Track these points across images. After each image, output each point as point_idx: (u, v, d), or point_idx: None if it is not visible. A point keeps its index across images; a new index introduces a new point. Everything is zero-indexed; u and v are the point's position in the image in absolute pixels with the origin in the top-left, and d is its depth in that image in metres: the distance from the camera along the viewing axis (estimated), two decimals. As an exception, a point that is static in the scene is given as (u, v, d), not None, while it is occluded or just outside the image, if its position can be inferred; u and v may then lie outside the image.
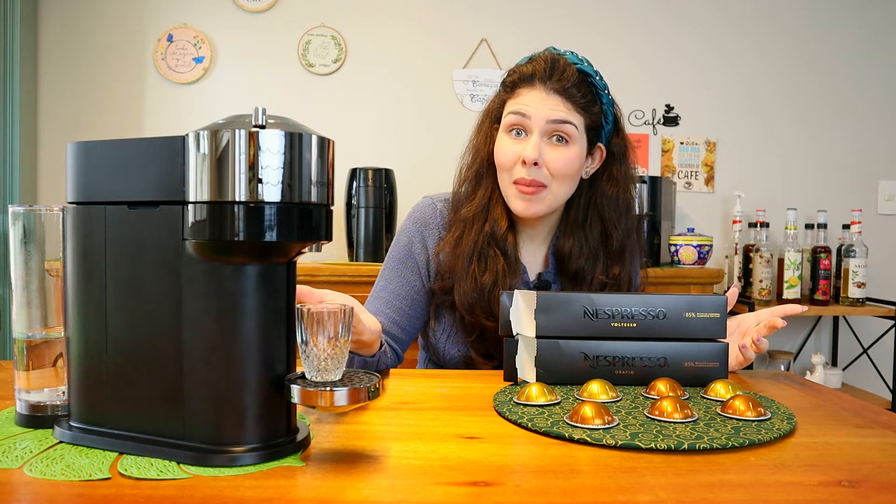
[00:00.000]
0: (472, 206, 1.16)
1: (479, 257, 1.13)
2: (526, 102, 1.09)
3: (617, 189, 1.17)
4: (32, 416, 0.69)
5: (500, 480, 0.57)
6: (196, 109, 2.60)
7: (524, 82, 1.11)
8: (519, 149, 1.09)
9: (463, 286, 1.12)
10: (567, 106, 1.09)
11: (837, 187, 2.76)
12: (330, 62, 2.63)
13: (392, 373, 1.00)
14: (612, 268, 1.17)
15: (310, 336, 0.61)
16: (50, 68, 2.57)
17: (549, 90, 1.09)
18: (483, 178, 1.17)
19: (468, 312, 1.13)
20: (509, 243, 1.15)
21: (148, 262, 0.61)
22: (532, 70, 1.10)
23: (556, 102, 1.08)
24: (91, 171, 0.63)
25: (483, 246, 1.14)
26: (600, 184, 1.18)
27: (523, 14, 2.67)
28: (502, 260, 1.13)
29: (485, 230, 1.14)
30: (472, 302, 1.12)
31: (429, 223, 1.19)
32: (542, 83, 1.09)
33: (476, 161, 1.19)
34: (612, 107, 1.16)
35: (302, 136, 0.59)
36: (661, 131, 2.75)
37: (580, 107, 1.10)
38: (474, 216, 1.15)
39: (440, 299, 1.17)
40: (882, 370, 2.65)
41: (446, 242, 1.16)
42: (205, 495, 0.53)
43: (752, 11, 2.73)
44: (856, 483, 0.58)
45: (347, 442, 0.67)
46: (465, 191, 1.19)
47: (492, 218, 1.15)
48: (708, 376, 0.91)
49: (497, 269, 1.12)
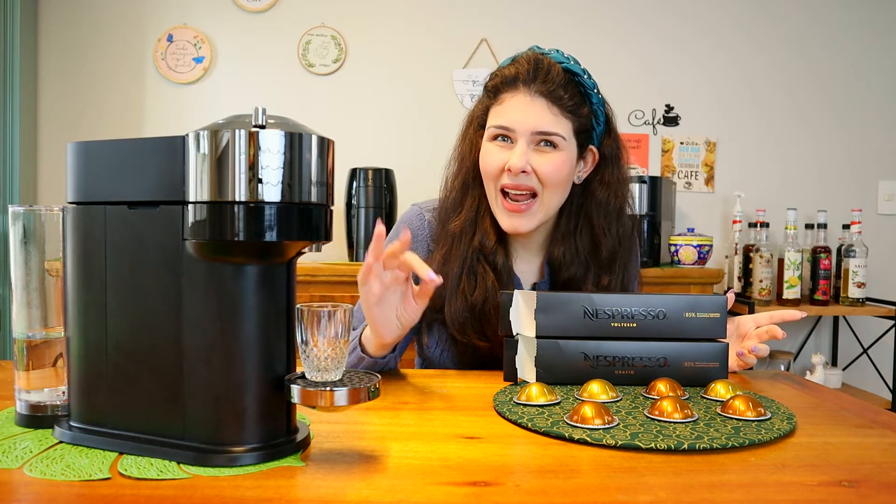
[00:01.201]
0: (460, 219, 1.11)
1: (468, 274, 1.08)
2: (510, 113, 1.04)
3: (608, 193, 1.11)
4: (32, 416, 0.69)
5: (500, 480, 0.57)
6: (196, 109, 2.60)
7: (507, 86, 1.06)
8: (504, 157, 1.04)
9: (453, 305, 1.08)
10: (553, 111, 1.03)
11: (837, 187, 2.76)
12: (330, 62, 2.63)
13: (392, 373, 1.00)
14: (602, 278, 1.12)
15: (310, 336, 0.61)
16: (50, 68, 2.57)
17: (533, 94, 1.03)
18: (469, 189, 1.12)
19: (459, 333, 1.08)
20: (499, 257, 1.10)
21: (148, 263, 0.61)
22: (515, 72, 1.05)
23: (542, 108, 1.03)
24: (91, 171, 0.63)
25: (472, 262, 1.09)
26: (592, 188, 1.12)
27: (523, 14, 2.67)
28: (492, 276, 1.09)
29: (473, 244, 1.09)
30: (462, 321, 1.08)
31: (416, 235, 1.15)
32: (525, 86, 1.04)
33: (462, 170, 1.14)
34: (602, 106, 1.09)
35: (302, 136, 0.59)
36: (661, 131, 2.75)
37: (567, 110, 1.04)
38: (462, 231, 1.10)
39: (431, 317, 1.12)
40: (882, 370, 2.65)
41: (434, 260, 1.11)
42: (205, 495, 0.53)
43: (753, 11, 2.73)
44: (856, 483, 0.58)
45: (347, 442, 0.67)
46: (451, 202, 1.13)
47: (480, 231, 1.10)
48: (708, 376, 0.91)
49: (487, 286, 1.08)
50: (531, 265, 1.17)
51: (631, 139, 2.73)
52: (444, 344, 1.13)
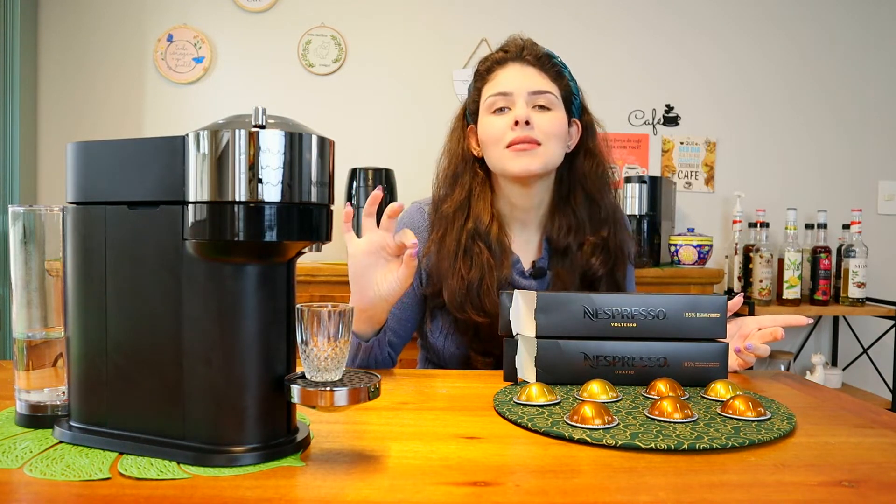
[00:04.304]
0: (452, 202, 1.16)
1: (463, 253, 1.13)
2: (505, 80, 1.13)
3: (594, 162, 1.19)
4: (32, 416, 0.69)
5: (500, 480, 0.57)
6: (196, 109, 2.60)
7: (498, 65, 1.15)
8: (506, 120, 1.11)
9: (450, 285, 1.12)
10: (543, 76, 1.13)
11: (837, 187, 2.76)
12: (330, 62, 2.63)
13: (392, 373, 1.00)
14: (601, 230, 1.18)
15: (310, 336, 0.61)
16: (50, 68, 2.57)
17: (524, 64, 1.14)
18: (459, 177, 1.18)
19: (458, 311, 1.12)
20: (493, 236, 1.14)
21: (148, 262, 0.61)
22: (503, 54, 1.16)
23: (533, 73, 1.13)
24: (91, 171, 0.63)
25: (467, 242, 1.13)
26: (579, 159, 1.19)
27: (523, 14, 2.67)
28: (487, 254, 1.13)
29: (467, 226, 1.14)
30: (460, 300, 1.11)
31: (417, 227, 1.19)
32: (515, 61, 1.14)
33: (451, 163, 1.20)
34: (576, 84, 1.19)
35: (302, 136, 0.58)
36: (661, 131, 2.75)
37: (554, 76, 1.14)
38: (454, 212, 1.15)
39: (434, 302, 1.17)
40: (882, 370, 2.65)
41: (432, 242, 1.16)
42: (205, 495, 0.53)
43: (753, 11, 2.73)
44: (856, 483, 0.58)
45: (347, 442, 0.67)
46: (443, 192, 1.20)
47: (474, 213, 1.15)
48: (708, 376, 0.90)
49: (482, 264, 1.12)
50: (530, 244, 1.21)
51: (631, 139, 2.73)
52: (447, 328, 1.16)
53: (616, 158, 2.71)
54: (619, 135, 2.72)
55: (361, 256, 0.98)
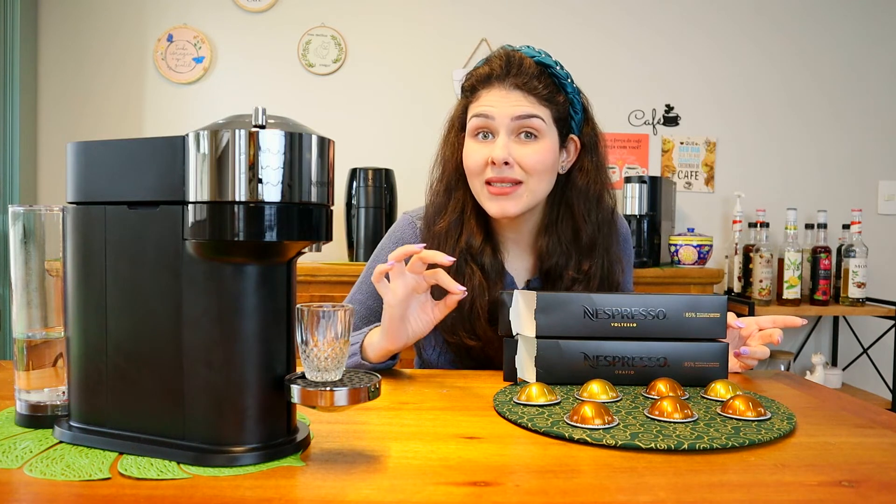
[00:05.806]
0: (445, 220, 1.11)
1: (455, 274, 1.07)
2: (488, 103, 1.06)
3: (587, 180, 1.12)
4: (32, 416, 0.69)
5: (500, 480, 0.57)
6: (196, 109, 2.60)
7: (482, 84, 1.08)
8: (487, 151, 1.05)
9: None
10: (530, 100, 1.05)
11: (837, 187, 2.76)
12: (330, 62, 2.63)
13: (392, 373, 1.00)
14: (583, 263, 1.12)
15: (310, 336, 0.61)
16: (50, 68, 2.57)
17: (508, 87, 1.05)
18: (453, 191, 1.13)
19: (449, 334, 1.08)
20: (487, 256, 1.10)
21: (148, 263, 0.61)
22: (489, 70, 1.07)
23: (518, 98, 1.04)
24: (91, 171, 0.63)
25: (459, 262, 1.09)
26: (572, 177, 1.13)
27: (523, 14, 2.67)
28: (480, 275, 1.09)
29: (460, 245, 1.10)
30: (451, 323, 1.07)
31: (408, 243, 1.13)
32: (499, 81, 1.06)
33: (445, 174, 1.15)
34: (578, 95, 1.11)
35: (302, 136, 0.58)
36: (661, 131, 2.75)
37: (544, 99, 1.06)
38: (447, 232, 1.11)
39: None
40: (882, 370, 2.65)
41: None
42: (205, 495, 0.53)
43: (753, 11, 2.73)
44: (856, 483, 0.58)
45: (347, 442, 0.67)
46: (436, 205, 1.14)
47: (466, 231, 1.11)
48: (708, 376, 0.90)
49: (474, 286, 1.08)
50: (523, 262, 1.17)
51: (631, 139, 2.73)
52: (440, 347, 1.13)
53: (616, 158, 2.72)
54: (619, 135, 2.72)
55: (399, 306, 0.91)
